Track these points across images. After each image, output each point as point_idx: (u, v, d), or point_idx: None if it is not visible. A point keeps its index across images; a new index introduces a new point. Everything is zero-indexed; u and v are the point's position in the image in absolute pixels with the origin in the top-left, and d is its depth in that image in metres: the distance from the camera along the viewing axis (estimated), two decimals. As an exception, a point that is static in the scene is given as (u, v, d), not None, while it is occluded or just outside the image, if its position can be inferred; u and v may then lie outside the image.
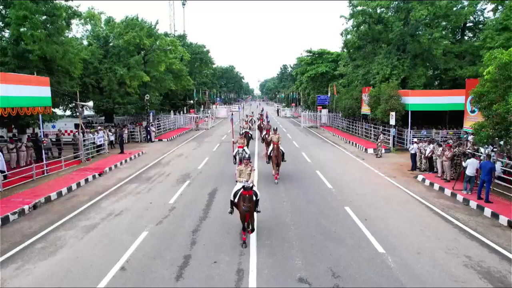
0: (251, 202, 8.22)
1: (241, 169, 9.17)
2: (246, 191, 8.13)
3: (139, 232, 9.40)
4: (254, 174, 9.33)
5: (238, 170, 9.22)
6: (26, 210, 11.36)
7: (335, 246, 8.47)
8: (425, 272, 7.22)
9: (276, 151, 14.20)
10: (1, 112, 13.25)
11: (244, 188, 8.17)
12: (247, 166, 9.14)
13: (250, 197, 8.17)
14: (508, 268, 7.39)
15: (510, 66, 10.43)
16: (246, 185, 8.18)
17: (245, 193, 8.14)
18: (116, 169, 18.24)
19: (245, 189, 8.16)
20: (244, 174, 9.06)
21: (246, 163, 9.23)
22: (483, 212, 10.97)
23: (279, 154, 14.32)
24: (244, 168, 9.13)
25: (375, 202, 12.12)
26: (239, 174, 9.13)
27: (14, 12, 15.20)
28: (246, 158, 9.47)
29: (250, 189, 8.21)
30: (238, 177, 9.12)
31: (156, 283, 6.85)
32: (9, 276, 7.23)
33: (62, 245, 8.76)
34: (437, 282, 6.85)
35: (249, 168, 9.12)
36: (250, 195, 8.19)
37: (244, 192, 8.16)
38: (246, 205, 8.01)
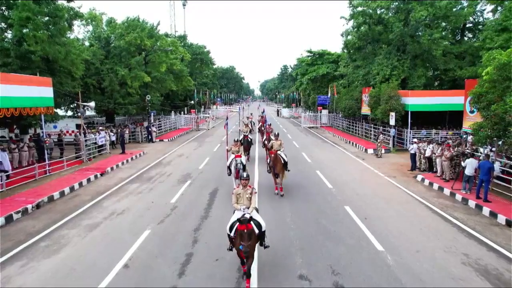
0: (252, 239, 6.36)
1: (239, 192, 7.19)
2: (243, 225, 6.26)
3: (141, 231, 9.51)
4: (255, 198, 7.33)
5: (234, 194, 7.22)
6: (29, 209, 11.48)
7: (335, 245, 8.58)
8: (423, 270, 7.33)
9: (274, 160, 12.26)
10: (4, 112, 13.38)
11: (240, 221, 6.30)
12: (246, 188, 7.19)
13: (249, 233, 6.29)
14: (505, 266, 7.49)
15: (508, 67, 10.54)
16: (242, 218, 6.32)
17: (242, 228, 6.26)
18: (117, 169, 18.36)
19: (241, 222, 6.28)
20: (243, 198, 7.12)
21: (245, 183, 7.22)
22: (482, 212, 11.07)
23: (280, 164, 12.32)
24: (243, 191, 7.16)
25: (374, 202, 12.22)
26: (236, 199, 7.17)
27: (17, 14, 15.34)
28: (244, 178, 7.37)
29: (248, 222, 6.34)
30: (235, 203, 7.17)
31: (159, 280, 6.96)
32: (14, 273, 7.35)
33: (66, 244, 8.88)
34: (435, 280, 6.95)
35: (248, 190, 7.15)
36: (250, 230, 6.31)
37: (241, 226, 6.27)
38: (245, 244, 6.15)
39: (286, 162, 12.73)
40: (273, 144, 13.51)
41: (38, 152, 19.33)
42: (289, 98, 78.53)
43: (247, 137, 19.05)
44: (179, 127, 39.31)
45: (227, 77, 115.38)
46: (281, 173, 12.37)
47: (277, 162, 12.20)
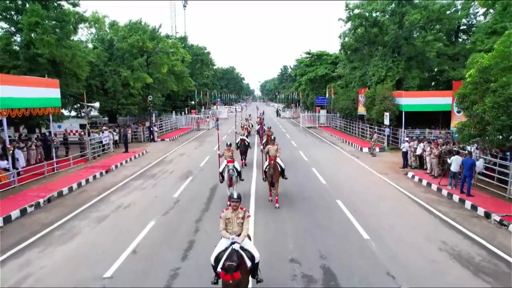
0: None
1: (228, 216, 5.91)
2: (228, 274, 4.94)
3: (147, 222, 10.28)
4: (248, 224, 5.96)
5: (223, 219, 5.92)
6: (41, 203, 12.26)
7: (325, 234, 9.36)
8: (403, 254, 8.11)
9: (272, 168, 11.31)
10: (16, 113, 14.19)
11: (225, 269, 5.00)
12: (237, 211, 5.91)
13: (236, 284, 4.99)
14: (477, 251, 8.27)
15: (489, 70, 11.32)
16: (227, 265, 5.00)
17: (227, 279, 4.95)
18: (121, 166, 19.14)
19: (226, 271, 4.97)
20: (233, 224, 5.86)
21: (235, 206, 5.91)
22: (464, 205, 11.84)
23: (277, 173, 11.49)
24: (233, 215, 5.89)
25: (365, 196, 13.00)
26: (225, 225, 5.90)
27: (27, 19, 16.15)
28: (234, 199, 5.92)
29: (235, 270, 4.96)
30: (223, 229, 5.89)
31: (164, 263, 7.74)
32: (34, 257, 8.14)
33: (78, 233, 9.66)
34: (411, 262, 7.73)
35: (240, 214, 5.88)
36: (237, 281, 4.97)
37: (225, 277, 4.96)
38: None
39: (283, 170, 12.06)
40: (269, 150, 12.43)
41: (45, 151, 20.14)
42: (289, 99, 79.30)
43: (244, 140, 18.28)
44: (180, 127, 40.06)
45: (227, 78, 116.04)
46: (276, 181, 11.55)
47: (275, 171, 11.36)
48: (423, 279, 6.98)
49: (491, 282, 6.94)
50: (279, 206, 11.44)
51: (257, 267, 5.86)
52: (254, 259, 5.71)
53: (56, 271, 7.50)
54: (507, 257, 7.96)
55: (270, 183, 11.61)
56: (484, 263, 7.73)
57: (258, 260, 5.83)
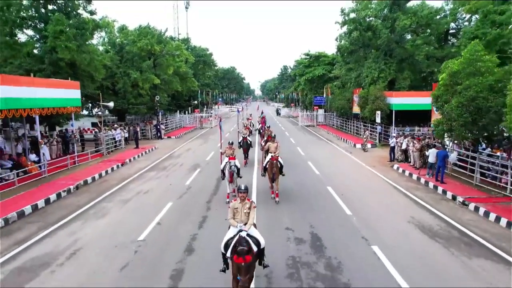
0: (250, 271, 5.66)
1: (236, 206, 6.48)
2: (241, 257, 5.50)
3: (165, 203, 12.16)
4: (254, 213, 6.51)
5: (231, 209, 6.50)
6: (71, 189, 14.17)
7: (315, 211, 11.24)
8: (377, 225, 10.00)
9: (271, 165, 12.05)
10: (46, 111, 16.09)
11: (237, 253, 5.55)
12: (244, 201, 6.49)
13: (247, 266, 5.52)
14: (438, 223, 10.16)
15: (457, 74, 13.18)
16: (240, 249, 5.55)
17: (239, 261, 5.51)
18: (134, 160, 21.02)
19: (238, 254, 5.52)
20: (240, 213, 6.42)
21: (243, 197, 6.49)
22: (437, 190, 13.73)
23: (277, 169, 12.12)
24: (240, 205, 6.46)
25: (353, 184, 14.89)
26: (233, 214, 6.47)
27: (52, 27, 18.05)
28: (242, 190, 6.54)
29: (247, 253, 5.54)
30: (231, 218, 6.45)
31: (185, 231, 9.62)
32: (77, 228, 10.02)
33: (108, 212, 11.55)
34: (382, 230, 9.62)
35: (247, 204, 6.47)
36: (248, 264, 5.52)
37: (238, 259, 5.52)
38: (243, 279, 5.50)
39: (282, 166, 12.71)
40: (269, 147, 13.13)
41: (64, 147, 22.06)
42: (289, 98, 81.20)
43: (246, 139, 18.83)
44: (184, 125, 41.98)
45: (228, 78, 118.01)
46: (277, 177, 12.25)
47: (275, 167, 12.04)
48: (388, 240, 8.87)
49: (442, 242, 8.83)
50: (279, 200, 12.06)
51: (263, 252, 6.32)
52: (260, 245, 6.15)
53: (99, 237, 9.40)
54: (461, 227, 9.85)
55: (271, 178, 12.26)
56: (441, 231, 9.62)
57: (263, 246, 6.27)
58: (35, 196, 12.78)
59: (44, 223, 10.46)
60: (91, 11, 21.12)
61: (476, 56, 12.62)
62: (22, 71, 18.33)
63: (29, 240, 9.20)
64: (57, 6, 20.31)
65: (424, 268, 7.53)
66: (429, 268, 7.56)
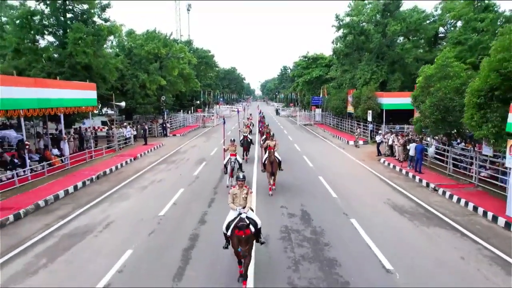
0: (250, 243, 6.68)
1: (235, 192, 7.46)
2: (241, 231, 6.55)
3: (178, 189, 14.10)
4: (251, 198, 7.59)
5: (231, 194, 7.48)
6: (93, 179, 16.12)
7: (306, 195, 13.19)
8: (357, 205, 11.96)
9: (269, 156, 12.98)
10: (69, 110, 18.06)
11: (238, 228, 6.61)
12: (242, 188, 7.47)
13: (247, 238, 6.57)
14: (409, 204, 12.12)
15: (431, 78, 15.13)
16: (240, 225, 6.60)
17: (240, 234, 6.55)
18: (145, 156, 22.97)
19: (239, 229, 6.58)
20: (239, 198, 7.38)
21: (241, 184, 7.50)
22: (415, 179, 15.67)
23: (275, 162, 13.04)
24: (239, 191, 7.43)
25: (341, 174, 16.85)
26: (233, 199, 7.43)
27: (72, 34, 20.03)
28: (240, 179, 7.59)
29: (247, 227, 6.61)
30: (231, 202, 7.41)
31: (196, 209, 11.57)
32: (107, 207, 11.99)
33: (130, 196, 13.50)
34: (362, 209, 11.56)
35: (244, 190, 7.44)
36: (247, 236, 6.59)
37: (239, 232, 6.57)
38: (243, 249, 6.50)
39: (280, 162, 13.65)
40: (268, 144, 13.94)
41: (79, 143, 24.00)
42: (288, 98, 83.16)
43: (246, 137, 19.70)
44: (187, 124, 43.95)
45: (229, 78, 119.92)
46: (276, 172, 13.24)
47: (274, 162, 12.99)
48: (365, 215, 10.82)
49: (409, 217, 10.80)
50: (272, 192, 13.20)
51: (259, 232, 7.31)
52: (257, 225, 7.08)
53: (126, 213, 11.36)
54: (427, 206, 11.81)
55: (270, 172, 13.11)
56: (410, 209, 11.58)
57: (260, 226, 7.26)
58: (64, 183, 14.75)
59: (77, 204, 12.42)
60: (105, 19, 23.10)
61: (447, 62, 14.58)
62: (44, 74, 20.28)
63: (68, 216, 11.15)
64: (74, 14, 22.28)
65: (389, 234, 9.48)
66: (393, 233, 9.52)
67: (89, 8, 21.77)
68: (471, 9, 24.57)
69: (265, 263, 7.75)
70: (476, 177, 13.96)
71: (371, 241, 8.90)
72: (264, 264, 7.68)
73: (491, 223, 10.37)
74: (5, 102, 13.32)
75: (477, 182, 13.83)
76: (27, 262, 8.03)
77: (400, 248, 8.56)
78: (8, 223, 10.45)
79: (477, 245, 8.81)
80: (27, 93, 14.63)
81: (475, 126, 11.26)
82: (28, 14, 20.14)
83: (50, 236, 9.57)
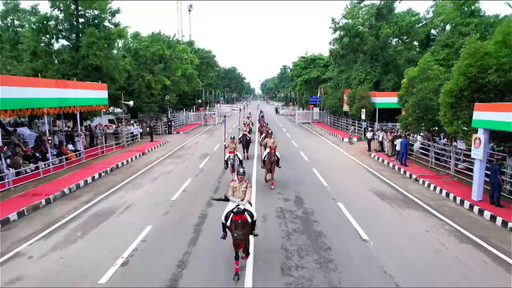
0: (245, 228, 7.18)
1: (235, 185, 7.95)
2: (238, 215, 7.08)
3: (186, 179, 15.73)
4: (250, 191, 8.02)
5: (231, 187, 7.98)
6: (108, 171, 17.75)
7: (300, 184, 14.80)
8: (345, 191, 13.58)
9: (269, 155, 13.73)
10: (85, 109, 19.68)
11: (234, 213, 7.12)
12: (242, 182, 7.96)
13: (243, 223, 7.09)
14: (390, 191, 13.75)
15: (414, 79, 16.74)
16: (236, 210, 7.13)
17: (236, 219, 7.06)
18: (152, 151, 24.58)
19: (236, 214, 7.10)
20: (239, 191, 7.87)
21: (241, 178, 7.98)
22: (400, 171, 17.30)
23: (274, 159, 13.77)
24: (239, 185, 7.91)
25: (334, 167, 18.47)
26: (232, 192, 7.92)
27: (86, 39, 21.66)
28: (240, 173, 8.13)
29: (242, 213, 7.14)
30: (231, 195, 7.90)
31: (203, 195, 13.18)
32: (124, 194, 13.61)
33: (143, 185, 15.11)
34: (348, 194, 13.18)
35: (244, 184, 7.92)
36: (243, 220, 7.13)
37: (235, 217, 7.08)
38: (239, 233, 6.98)
39: (278, 159, 14.40)
40: (267, 142, 14.67)
41: (90, 139, 25.63)
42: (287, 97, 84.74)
43: (246, 135, 20.49)
44: (189, 122, 45.58)
45: (229, 77, 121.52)
46: (274, 169, 14.04)
47: (273, 156, 13.75)
48: (350, 200, 12.43)
49: (389, 201, 12.43)
50: (274, 187, 13.93)
51: (254, 224, 7.80)
52: (253, 217, 7.66)
53: (142, 198, 12.99)
54: (406, 193, 13.44)
55: (268, 169, 13.96)
56: (391, 195, 13.21)
57: (255, 219, 7.82)
58: (82, 175, 16.37)
59: (97, 192, 14.04)
60: (115, 23, 24.70)
61: (427, 65, 16.18)
62: (59, 75, 21.89)
63: (91, 201, 12.78)
64: (86, 19, 23.88)
65: (369, 214, 11.10)
66: (372, 213, 11.14)
67: (100, 13, 23.36)
68: (457, 14, 26.14)
69: (263, 234, 9.36)
70: (453, 168, 15.60)
71: (352, 219, 10.53)
72: (262, 235, 9.28)
73: (458, 206, 12.01)
74: (32, 101, 14.95)
75: (453, 173, 15.47)
76: (66, 234, 9.67)
77: (376, 224, 10.18)
78: (41, 206, 12.10)
79: (441, 222, 10.45)
80: (49, 93, 16.26)
81: (448, 123, 12.87)
82: (44, 19, 21.73)
83: (79, 216, 11.20)
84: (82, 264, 7.87)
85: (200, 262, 8.00)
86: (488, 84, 11.21)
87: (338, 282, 7.03)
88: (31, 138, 22.71)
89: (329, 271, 7.45)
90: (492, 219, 10.45)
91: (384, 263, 7.85)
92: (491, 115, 10.84)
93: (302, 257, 8.12)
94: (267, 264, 7.82)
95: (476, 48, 11.44)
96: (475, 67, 11.34)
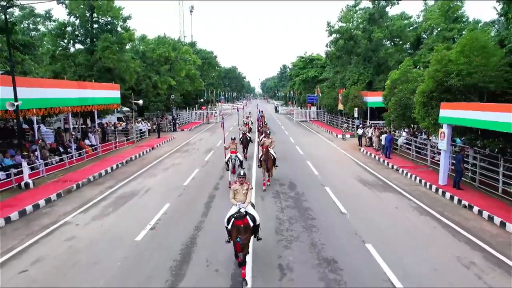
0: (248, 232, 6.98)
1: (236, 188, 7.82)
2: (239, 220, 6.91)
3: (194, 169, 17.84)
4: (251, 194, 7.94)
5: (232, 190, 7.88)
6: (124, 163, 19.86)
7: (294, 174, 16.92)
8: (333, 179, 15.70)
9: (265, 155, 13.85)
10: (102, 107, 21.79)
11: (236, 218, 6.96)
12: (243, 184, 7.83)
13: (245, 227, 6.92)
14: (373, 179, 15.86)
15: (396, 81, 18.83)
16: (237, 215, 6.97)
17: (238, 223, 6.89)
18: (160, 146, 26.69)
19: (237, 218, 6.93)
20: (240, 194, 7.75)
21: (242, 181, 7.86)
22: (384, 163, 19.41)
23: (269, 159, 13.94)
24: (240, 187, 7.80)
25: (326, 159, 20.59)
26: (234, 195, 7.79)
27: (101, 43, 23.77)
28: (241, 176, 7.98)
29: (244, 217, 7.00)
30: (233, 198, 7.77)
31: (210, 183, 15.29)
32: (142, 181, 15.73)
33: (156, 174, 17.23)
34: (336, 182, 15.28)
35: (245, 187, 7.82)
36: (246, 225, 6.97)
37: (237, 222, 6.91)
38: (242, 237, 6.79)
39: (275, 159, 14.58)
40: (264, 142, 15.05)
41: (102, 135, 27.73)
42: (287, 97, 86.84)
43: (245, 135, 20.97)
44: (192, 121, 47.69)
45: (230, 77, 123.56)
46: (271, 168, 14.32)
47: (267, 156, 13.90)
48: (337, 185, 14.54)
49: (370, 187, 14.54)
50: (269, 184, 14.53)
51: (257, 228, 7.58)
52: (255, 221, 7.42)
53: (158, 183, 15.13)
54: (386, 180, 15.55)
55: (264, 167, 14.11)
56: (373, 182, 15.32)
57: (258, 222, 7.57)
58: (101, 166, 18.48)
59: (117, 179, 16.15)
60: (126, 28, 26.79)
61: (407, 69, 18.28)
62: (76, 77, 24.00)
63: (114, 186, 14.90)
64: (99, 25, 25.98)
65: (350, 195, 13.21)
66: (353, 195, 13.26)
67: (112, 19, 25.45)
68: (442, 20, 28.20)
69: (260, 209, 11.46)
70: (429, 160, 17.72)
71: (335, 198, 12.67)
72: (259, 210, 11.34)
73: (427, 189, 14.15)
74: (59, 101, 17.06)
75: (429, 164, 17.59)
76: (100, 210, 11.81)
77: (355, 203, 12.30)
78: (73, 190, 14.23)
79: (410, 201, 12.58)
80: (73, 93, 18.37)
81: (421, 119, 14.98)
82: (62, 26, 23.82)
83: (107, 197, 13.32)
84: (119, 229, 9.99)
85: (212, 225, 10.16)
86: (451, 86, 13.30)
87: (318, 239, 9.16)
88: (47, 134, 24.81)
89: (312, 233, 9.59)
90: (451, 198, 12.60)
91: (356, 228, 9.97)
92: (453, 113, 12.94)
93: (292, 223, 10.26)
94: (264, 229, 9.93)
95: (442, 56, 13.54)
96: (441, 72, 13.42)
